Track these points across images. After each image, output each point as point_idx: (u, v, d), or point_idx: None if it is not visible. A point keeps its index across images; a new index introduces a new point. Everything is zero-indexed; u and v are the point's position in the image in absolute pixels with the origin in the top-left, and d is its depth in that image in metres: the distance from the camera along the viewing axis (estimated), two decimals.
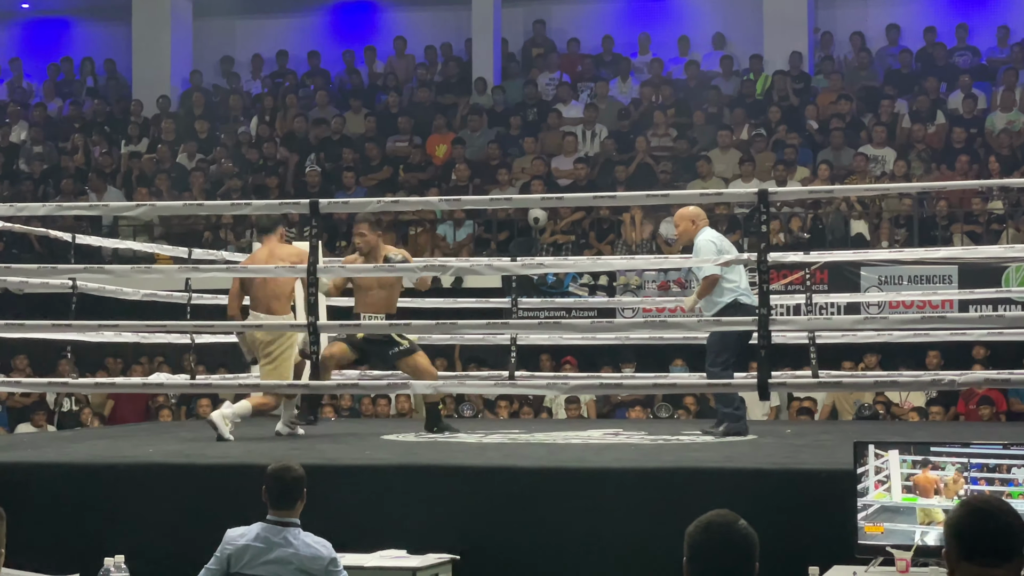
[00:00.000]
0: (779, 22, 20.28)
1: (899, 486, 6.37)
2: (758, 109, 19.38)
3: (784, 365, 11.81)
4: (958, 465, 6.31)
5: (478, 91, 20.84)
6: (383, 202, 10.12)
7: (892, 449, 6.44)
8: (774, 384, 8.79)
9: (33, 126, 21.65)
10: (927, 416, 14.32)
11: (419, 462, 8.36)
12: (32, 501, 7.88)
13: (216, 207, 14.04)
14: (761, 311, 8.42)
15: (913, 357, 14.19)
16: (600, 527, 7.35)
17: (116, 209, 13.73)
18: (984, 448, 6.36)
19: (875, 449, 6.45)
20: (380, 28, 22.70)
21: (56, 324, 10.48)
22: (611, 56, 21.11)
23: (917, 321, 10.81)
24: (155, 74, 22.25)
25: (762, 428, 11.73)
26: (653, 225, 17.02)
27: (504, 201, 10.09)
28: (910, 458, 6.40)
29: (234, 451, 9.15)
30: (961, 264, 14.67)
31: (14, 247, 18.50)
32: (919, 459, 6.38)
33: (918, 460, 6.38)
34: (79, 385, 11.92)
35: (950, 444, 6.44)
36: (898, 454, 6.41)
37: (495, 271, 9.95)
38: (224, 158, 20.02)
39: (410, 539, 7.27)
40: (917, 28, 20.26)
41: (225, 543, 6.37)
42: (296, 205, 10.71)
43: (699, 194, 13.01)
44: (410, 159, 19.54)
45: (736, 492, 6.98)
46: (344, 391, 13.94)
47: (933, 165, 17.52)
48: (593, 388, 11.23)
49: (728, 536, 4.07)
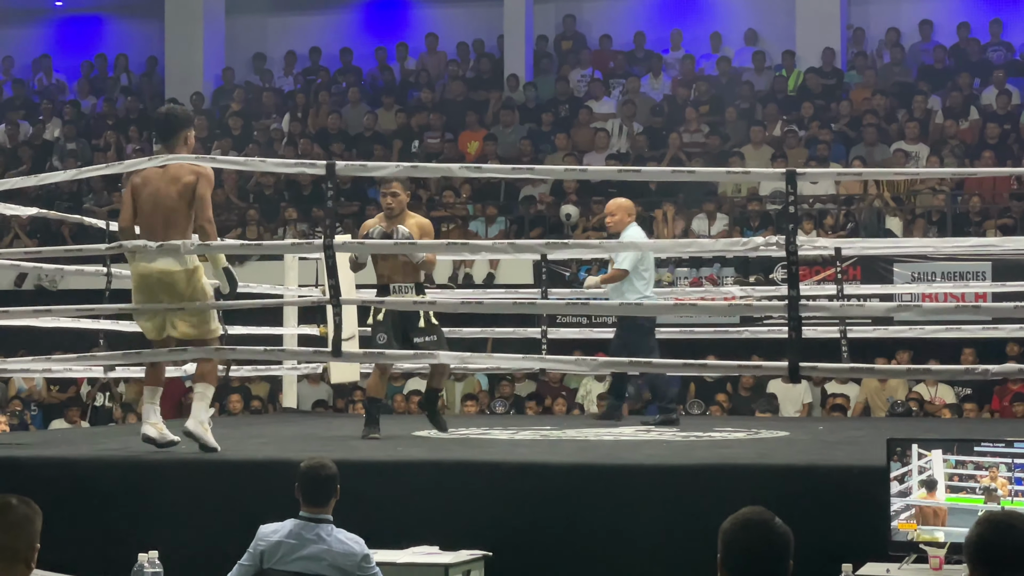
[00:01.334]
0: (812, 18, 20.23)
1: (943, 486, 6.35)
2: (790, 105, 19.33)
3: (815, 360, 11.77)
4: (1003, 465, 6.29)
5: (510, 87, 20.84)
6: (401, 167, 9.94)
7: (936, 448, 6.40)
8: (805, 368, 8.73)
9: (66, 123, 21.73)
10: (961, 413, 14.26)
11: (451, 458, 8.36)
12: (66, 497, 7.90)
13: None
14: (791, 293, 8.36)
15: (948, 354, 14.13)
16: (632, 523, 7.34)
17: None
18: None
19: (919, 449, 6.41)
20: (412, 24, 22.73)
21: (80, 309, 10.47)
22: (643, 52, 21.08)
23: (951, 310, 10.75)
24: (188, 71, 22.33)
25: (794, 424, 11.72)
26: (685, 222, 17.01)
27: (527, 172, 10.02)
28: (953, 457, 6.37)
29: (267, 448, 9.17)
30: (995, 260, 14.60)
31: (47, 243, 18.54)
32: (962, 458, 6.35)
33: (961, 460, 6.35)
34: (108, 359, 11.45)
35: (993, 443, 6.41)
36: (941, 453, 6.38)
37: (518, 250, 9.89)
38: (256, 155, 20.05)
39: (442, 535, 7.27)
40: (950, 24, 20.19)
41: (258, 539, 6.38)
42: (312, 166, 10.41)
43: (725, 172, 12.91)
44: (442, 155, 19.56)
45: (769, 489, 6.96)
46: (370, 359, 13.90)
47: (967, 161, 17.46)
48: (622, 365, 11.07)
49: (763, 533, 4.06)
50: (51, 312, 10.89)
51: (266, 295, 12.53)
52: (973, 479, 6.32)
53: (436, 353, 9.61)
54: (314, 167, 9.99)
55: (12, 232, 18.67)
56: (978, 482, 6.30)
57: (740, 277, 15.90)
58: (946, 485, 6.34)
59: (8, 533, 4.53)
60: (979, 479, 6.31)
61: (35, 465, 8.32)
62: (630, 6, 21.91)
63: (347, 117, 20.81)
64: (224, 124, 21.14)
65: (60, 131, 21.68)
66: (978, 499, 6.29)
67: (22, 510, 4.59)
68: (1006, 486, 6.27)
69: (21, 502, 4.61)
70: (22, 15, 23.71)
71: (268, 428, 10.85)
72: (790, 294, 8.36)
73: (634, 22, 21.61)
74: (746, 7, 21.36)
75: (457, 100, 20.76)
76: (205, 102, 21.80)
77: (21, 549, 4.53)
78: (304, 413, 14.05)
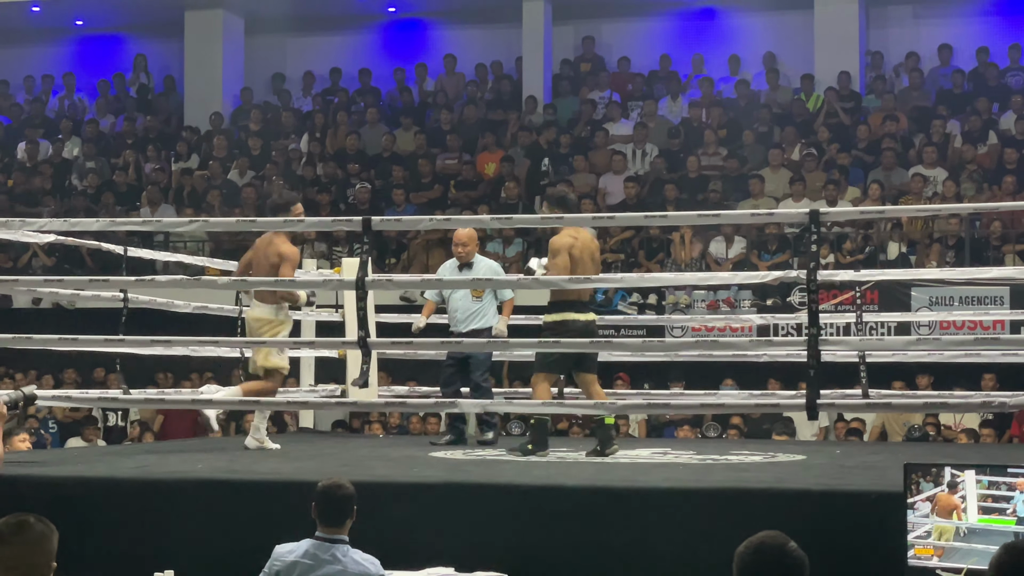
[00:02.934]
0: (830, 42, 20.25)
1: (975, 507, 6.32)
2: (809, 128, 19.34)
3: (833, 384, 11.77)
4: None
5: (528, 109, 20.86)
6: (435, 220, 10.16)
7: (968, 470, 6.37)
8: (823, 404, 8.77)
9: (86, 142, 21.81)
10: (978, 439, 14.22)
11: (467, 480, 8.36)
12: (82, 516, 7.91)
13: (268, 223, 14.07)
14: (811, 331, 8.40)
15: (968, 379, 14.10)
16: (648, 547, 7.32)
17: (168, 225, 13.81)
18: None
19: (952, 471, 6.38)
20: (431, 46, 22.77)
21: (108, 339, 10.55)
22: (666, 74, 21.09)
23: (970, 342, 10.74)
24: (207, 91, 22.40)
25: (811, 448, 11.69)
26: (703, 244, 17.00)
27: (555, 220, 10.10)
28: (986, 479, 6.34)
29: (284, 468, 9.17)
30: (1013, 285, 14.58)
31: (66, 262, 18.63)
32: (995, 480, 6.31)
33: (995, 481, 6.31)
34: (129, 400, 11.99)
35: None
36: (974, 474, 6.35)
37: (543, 286, 9.95)
38: (275, 175, 20.11)
39: (458, 557, 7.26)
40: (970, 48, 20.18)
41: (274, 559, 6.39)
42: (348, 222, 10.72)
43: (750, 214, 13.00)
44: (460, 176, 19.59)
45: (785, 513, 6.95)
46: (393, 409, 13.98)
47: (985, 185, 17.44)
48: (641, 408, 11.21)
49: (778, 558, 4.05)
50: (169, 342, 10.96)
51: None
52: (1005, 500, 6.28)
53: (458, 401, 10.51)
54: (351, 223, 10.31)
55: (31, 251, 18.72)
56: (1009, 503, 6.27)
57: (757, 300, 15.90)
58: (979, 506, 6.30)
59: (25, 551, 4.54)
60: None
61: (52, 484, 8.33)
62: (649, 28, 21.93)
63: (365, 138, 20.85)
64: (243, 144, 21.19)
65: (79, 150, 21.75)
66: (1009, 520, 6.26)
67: (39, 528, 4.61)
68: None
69: (38, 520, 4.62)
70: (43, 34, 23.80)
71: (285, 448, 10.85)
72: (810, 331, 8.37)
73: (653, 44, 21.62)
74: (765, 30, 21.37)
75: (475, 121, 20.79)
76: (224, 122, 21.85)
77: (38, 567, 4.54)
78: (321, 433, 14.06)
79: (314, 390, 13.23)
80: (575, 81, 21.49)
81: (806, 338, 8.54)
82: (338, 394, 12.71)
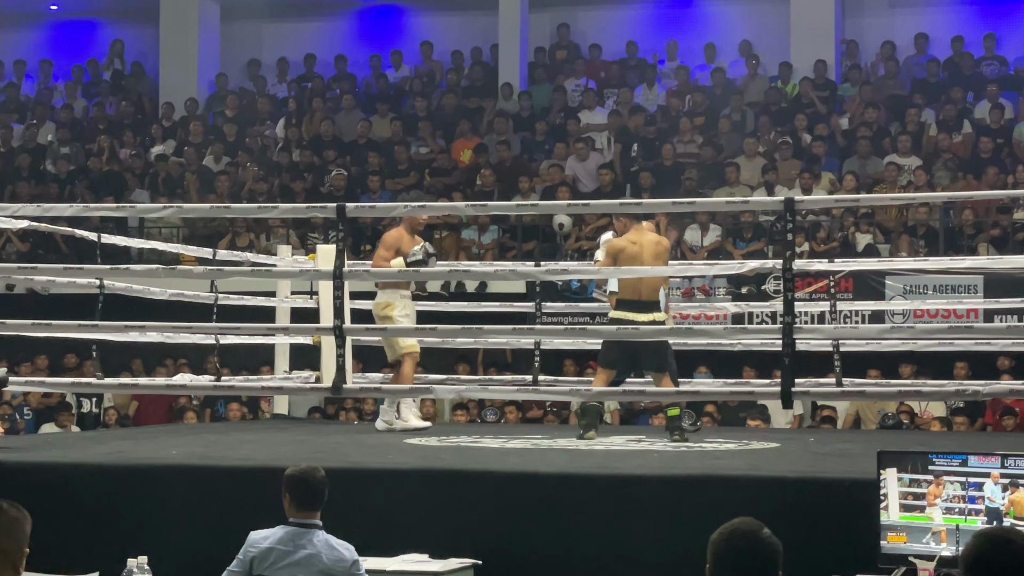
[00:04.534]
0: (806, 31, 20.26)
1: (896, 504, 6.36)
2: (784, 117, 19.35)
3: (808, 373, 11.80)
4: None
5: (504, 96, 20.85)
6: (410, 206, 10.16)
7: (891, 468, 6.40)
8: (797, 392, 8.80)
9: (60, 127, 21.73)
10: (951, 426, 14.27)
11: (441, 466, 8.36)
12: (56, 502, 7.89)
13: (243, 210, 14.07)
14: (786, 319, 8.42)
15: (941, 368, 14.14)
16: (622, 534, 7.34)
17: (143, 211, 13.77)
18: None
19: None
20: (407, 32, 22.73)
21: (83, 324, 10.52)
22: (636, 61, 21.11)
23: (943, 331, 10.77)
24: (182, 76, 22.33)
25: (785, 436, 11.72)
26: (678, 232, 17.00)
27: (530, 207, 10.09)
28: (907, 476, 6.37)
29: (258, 454, 9.17)
30: (987, 274, 14.61)
31: (40, 247, 18.56)
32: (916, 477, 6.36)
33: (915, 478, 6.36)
34: (103, 385, 11.97)
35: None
36: (896, 472, 6.39)
37: (519, 277, 9.97)
38: (250, 161, 20.06)
39: (432, 543, 7.26)
40: (945, 37, 20.21)
41: (248, 545, 6.38)
42: (323, 209, 10.70)
43: (725, 202, 13.01)
44: (435, 163, 19.56)
45: (759, 500, 6.97)
46: (367, 395, 13.96)
47: (959, 174, 17.48)
48: (616, 395, 11.18)
49: (752, 544, 4.06)
50: (143, 327, 10.94)
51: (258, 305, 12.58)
52: (924, 497, 6.32)
53: (433, 388, 10.53)
54: (325, 211, 10.17)
55: (5, 236, 18.65)
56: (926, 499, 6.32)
57: (732, 288, 15.91)
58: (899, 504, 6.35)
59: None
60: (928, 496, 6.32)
61: (25, 469, 8.31)
62: (625, 16, 21.92)
63: (341, 124, 20.81)
64: (218, 130, 21.14)
65: (53, 135, 21.67)
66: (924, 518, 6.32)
67: (12, 514, 4.59)
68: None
69: (11, 506, 4.61)
70: (17, 19, 23.71)
71: (260, 434, 10.84)
72: (785, 320, 8.40)
73: (629, 32, 21.61)
74: (741, 19, 21.38)
75: (451, 108, 20.76)
76: (199, 108, 21.79)
77: (10, 552, 4.53)
78: (296, 420, 14.05)
79: (289, 377, 13.22)
80: (551, 69, 21.48)
81: (781, 326, 8.57)
82: (312, 381, 12.69)
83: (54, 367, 16.60)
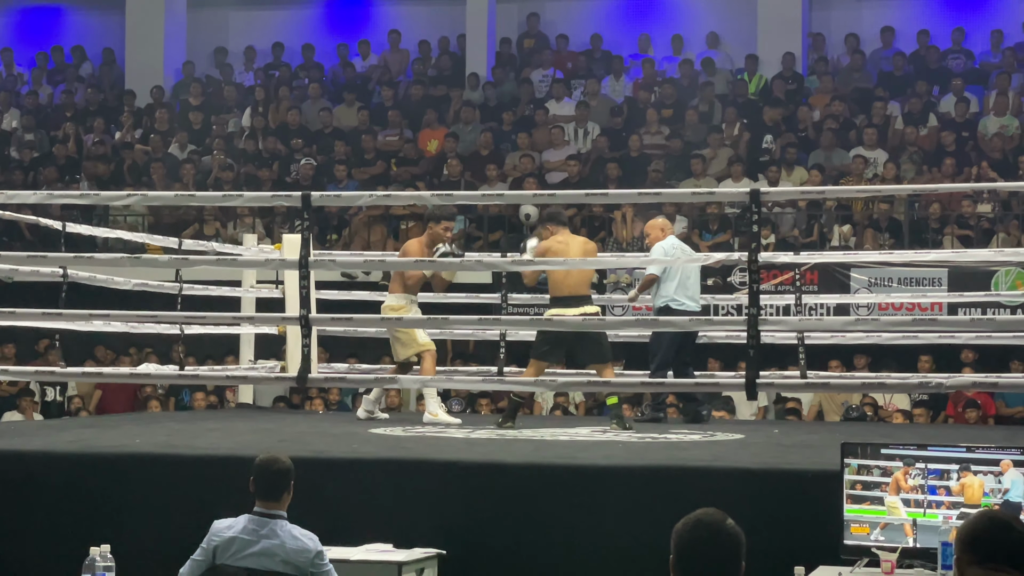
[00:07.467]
0: (773, 23, 20.29)
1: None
2: (751, 109, 19.38)
3: (772, 365, 11.82)
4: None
5: (471, 86, 20.83)
6: (375, 196, 10.17)
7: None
8: (762, 384, 8.83)
9: (24, 114, 21.63)
10: (912, 419, 14.32)
11: (406, 456, 8.36)
12: (17, 490, 7.86)
13: (208, 198, 14.00)
14: (751, 311, 8.45)
15: (904, 360, 14.19)
16: (587, 524, 7.35)
17: (107, 198, 13.69)
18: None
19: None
20: (374, 21, 22.69)
21: (46, 312, 10.48)
22: (601, 53, 21.12)
23: (908, 323, 10.83)
24: (148, 64, 22.21)
25: (749, 427, 11.75)
26: (644, 223, 17.00)
27: (496, 197, 10.10)
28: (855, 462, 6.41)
29: (223, 443, 9.15)
30: (951, 267, 14.68)
31: (4, 235, 18.48)
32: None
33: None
34: (67, 374, 11.92)
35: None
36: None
37: (485, 268, 9.98)
38: (216, 149, 19.99)
39: (396, 533, 7.27)
40: (911, 31, 20.27)
41: (211, 534, 6.36)
42: (288, 198, 10.69)
43: (691, 193, 13.03)
44: (402, 153, 19.53)
45: (723, 491, 6.99)
46: (333, 385, 13.95)
47: (925, 167, 17.54)
48: (580, 385, 11.21)
49: (715, 535, 4.07)
50: (108, 316, 10.94)
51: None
52: (879, 487, 6.36)
53: (397, 377, 10.56)
54: (290, 199, 10.18)
55: None
56: (884, 490, 6.36)
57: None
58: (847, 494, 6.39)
59: None
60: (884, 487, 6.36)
61: None
62: (593, 7, 21.93)
63: (307, 113, 20.76)
64: (184, 118, 21.06)
65: (17, 122, 21.56)
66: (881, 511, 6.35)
67: None
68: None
69: None
70: None
71: (224, 423, 10.81)
72: (750, 312, 8.42)
73: (596, 23, 21.62)
74: (708, 10, 21.40)
75: (418, 98, 20.73)
76: (165, 95, 21.70)
77: None
78: (261, 409, 14.01)
79: (254, 366, 13.18)
80: (518, 59, 21.47)
81: (746, 318, 8.59)
82: (277, 370, 12.67)
83: (22, 355, 16.51)
